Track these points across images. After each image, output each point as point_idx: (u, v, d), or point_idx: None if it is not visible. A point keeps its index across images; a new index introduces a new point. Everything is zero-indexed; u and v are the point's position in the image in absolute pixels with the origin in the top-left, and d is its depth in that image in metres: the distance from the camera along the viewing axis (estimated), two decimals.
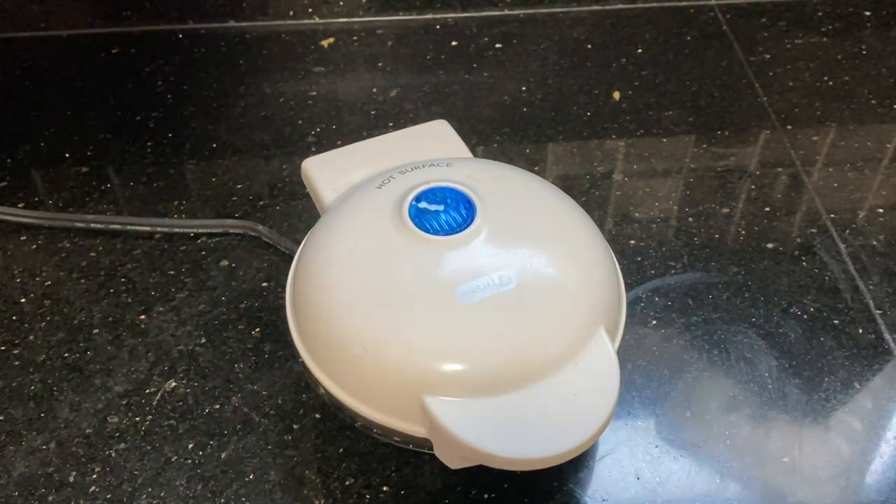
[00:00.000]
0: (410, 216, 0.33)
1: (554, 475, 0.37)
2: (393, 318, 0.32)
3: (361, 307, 0.32)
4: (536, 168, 0.52)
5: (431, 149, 0.40)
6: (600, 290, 0.34)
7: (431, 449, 0.32)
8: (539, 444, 0.30)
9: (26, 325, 0.43)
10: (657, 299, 0.44)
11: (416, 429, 0.32)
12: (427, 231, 0.33)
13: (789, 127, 0.54)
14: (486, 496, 0.36)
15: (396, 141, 0.42)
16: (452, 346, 0.31)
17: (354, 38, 0.61)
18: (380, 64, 0.59)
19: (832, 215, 0.49)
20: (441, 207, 0.34)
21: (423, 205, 0.34)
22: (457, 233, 0.33)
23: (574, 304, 0.33)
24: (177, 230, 0.47)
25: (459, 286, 0.32)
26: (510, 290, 0.32)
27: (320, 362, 0.33)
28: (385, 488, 0.37)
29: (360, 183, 0.37)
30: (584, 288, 0.33)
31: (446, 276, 0.32)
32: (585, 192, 0.50)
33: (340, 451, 0.38)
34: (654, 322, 0.43)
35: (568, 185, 0.50)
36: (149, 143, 0.53)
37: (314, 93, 0.57)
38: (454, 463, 0.31)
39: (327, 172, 0.40)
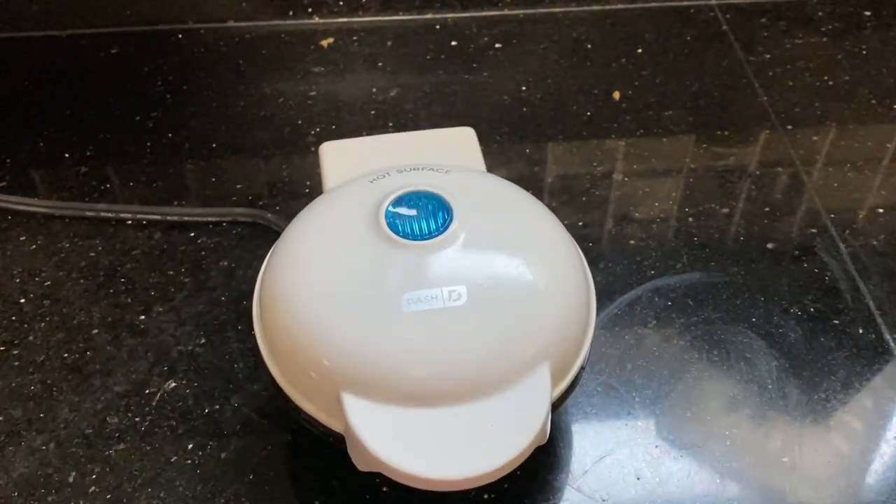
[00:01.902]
0: (386, 215, 0.33)
1: (554, 475, 0.37)
2: (330, 307, 0.32)
3: (307, 292, 0.32)
4: (536, 168, 0.52)
5: (447, 154, 0.40)
6: (552, 329, 0.32)
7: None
8: (434, 466, 0.29)
9: (26, 326, 0.43)
10: (657, 299, 0.44)
11: (334, 422, 0.32)
12: (396, 233, 0.33)
13: (789, 127, 0.54)
14: (486, 496, 0.36)
15: (417, 140, 0.42)
16: (379, 348, 0.31)
17: (354, 38, 0.61)
18: (379, 64, 0.59)
19: (832, 215, 0.49)
20: (416, 212, 0.34)
21: (402, 207, 0.34)
22: (425, 240, 0.33)
23: (517, 338, 0.32)
24: (186, 219, 0.48)
25: (407, 292, 0.31)
26: (456, 307, 0.31)
27: (267, 339, 0.34)
28: (385, 489, 0.37)
29: (360, 175, 0.37)
30: (533, 324, 0.32)
31: (397, 280, 0.32)
32: (585, 191, 0.50)
33: (341, 450, 0.38)
34: (654, 322, 0.43)
35: (568, 185, 0.50)
36: (148, 143, 0.53)
37: (314, 93, 0.57)
38: (360, 465, 0.32)
39: (339, 159, 0.40)
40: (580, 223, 0.48)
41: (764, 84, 0.58)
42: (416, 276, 0.32)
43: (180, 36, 0.61)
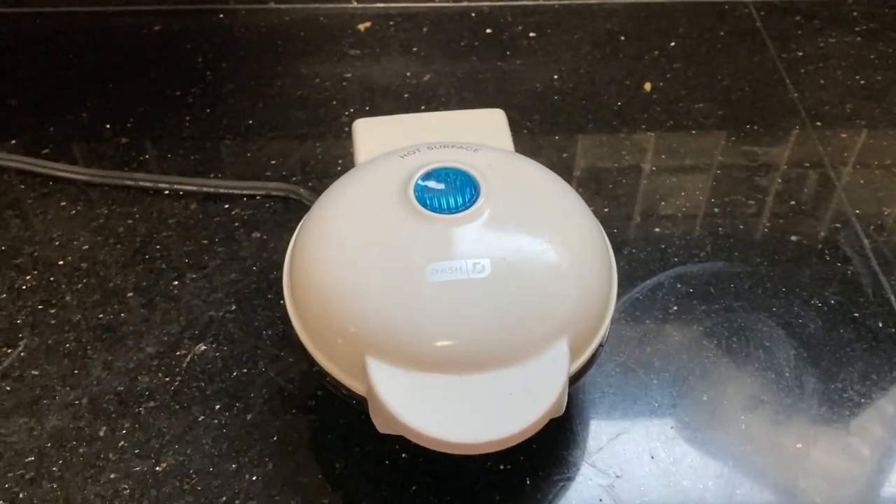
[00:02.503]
0: (415, 189, 0.34)
1: (570, 450, 0.38)
2: (358, 275, 0.33)
3: (336, 260, 0.34)
4: (565, 154, 0.52)
5: (477, 134, 0.41)
6: (572, 304, 0.33)
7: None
8: (451, 429, 0.30)
9: (63, 287, 0.44)
10: (679, 286, 0.45)
11: (358, 386, 0.33)
12: (424, 206, 0.34)
13: (818, 124, 0.55)
14: (501, 467, 0.37)
15: (448, 120, 0.43)
16: (404, 316, 0.32)
17: (391, 22, 0.62)
18: (414, 49, 0.60)
19: (857, 211, 0.49)
20: (445, 187, 0.34)
21: (430, 181, 0.35)
22: (452, 213, 0.34)
23: (537, 311, 0.32)
24: (222, 191, 0.49)
25: (432, 263, 0.32)
26: (479, 279, 0.32)
27: (296, 305, 0.35)
28: (404, 455, 0.38)
29: (391, 151, 0.38)
30: (554, 299, 0.33)
31: (423, 251, 0.33)
32: (613, 180, 0.51)
33: (362, 417, 0.39)
34: (675, 308, 0.44)
35: (596, 174, 0.51)
36: (187, 118, 0.54)
37: (349, 75, 0.58)
38: (380, 427, 0.33)
39: (372, 136, 0.41)
40: (606, 210, 0.49)
41: (795, 81, 0.58)
42: (442, 248, 0.33)
43: (221, 16, 0.63)
